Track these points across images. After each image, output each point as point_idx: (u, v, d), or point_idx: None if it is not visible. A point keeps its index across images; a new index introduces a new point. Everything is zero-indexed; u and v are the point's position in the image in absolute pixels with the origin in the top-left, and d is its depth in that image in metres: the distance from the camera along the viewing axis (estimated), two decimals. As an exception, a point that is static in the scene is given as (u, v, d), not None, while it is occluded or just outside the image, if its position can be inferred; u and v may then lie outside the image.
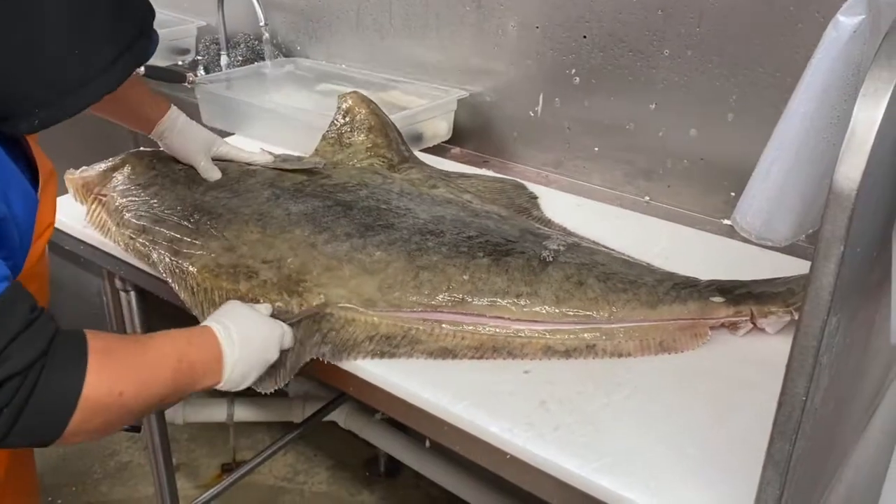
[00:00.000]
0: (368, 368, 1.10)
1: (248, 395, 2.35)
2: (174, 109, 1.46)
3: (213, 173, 1.45)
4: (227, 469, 2.39)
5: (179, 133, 1.45)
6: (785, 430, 0.74)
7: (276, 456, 2.27)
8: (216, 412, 2.25)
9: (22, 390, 0.81)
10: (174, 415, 2.20)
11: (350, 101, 1.57)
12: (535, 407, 1.01)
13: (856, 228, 0.66)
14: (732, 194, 1.52)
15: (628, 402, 1.03)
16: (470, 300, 1.15)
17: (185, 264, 1.25)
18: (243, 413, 2.26)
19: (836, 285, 0.67)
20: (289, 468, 2.42)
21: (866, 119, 0.64)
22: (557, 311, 1.13)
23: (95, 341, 0.89)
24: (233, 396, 2.24)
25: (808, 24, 1.34)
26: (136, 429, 1.89)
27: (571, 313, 1.13)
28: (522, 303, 1.14)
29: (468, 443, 1.01)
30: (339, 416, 2.26)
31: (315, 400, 2.22)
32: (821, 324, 0.70)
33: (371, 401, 1.11)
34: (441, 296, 1.15)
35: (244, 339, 1.03)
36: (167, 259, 1.27)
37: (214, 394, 2.25)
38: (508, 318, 1.13)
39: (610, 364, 1.10)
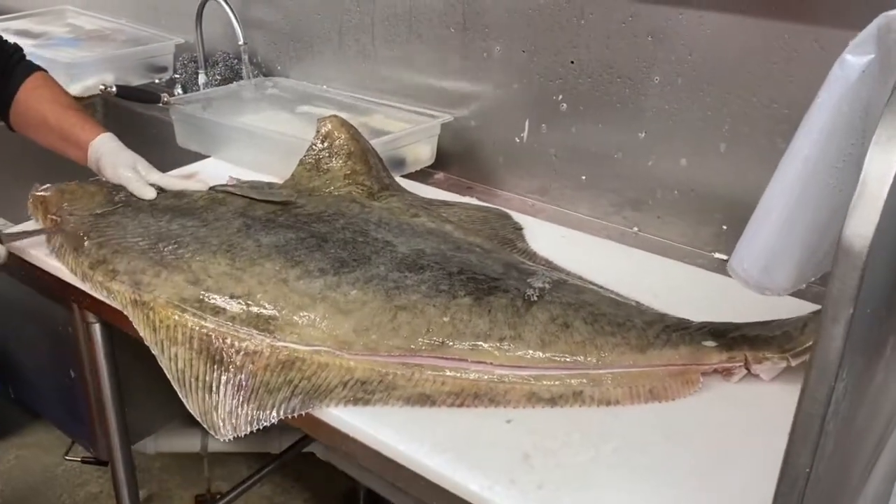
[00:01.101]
0: (339, 415, 1.03)
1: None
2: (109, 134, 1.47)
3: (147, 191, 1.41)
4: (201, 500, 2.31)
5: (110, 154, 1.43)
6: (787, 502, 0.69)
7: (253, 487, 2.20)
8: (190, 442, 2.17)
9: None
10: (145, 444, 2.12)
11: (329, 126, 1.50)
12: (518, 461, 0.95)
13: (867, 288, 0.60)
14: (724, 227, 1.47)
15: (617, 455, 0.97)
16: (450, 344, 1.08)
17: (146, 297, 1.18)
18: (218, 444, 2.17)
19: (844, 349, 0.62)
20: (265, 500, 2.34)
21: (879, 170, 0.58)
22: (542, 355, 1.07)
23: None
24: (207, 426, 2.16)
25: (805, 53, 1.30)
26: (103, 462, 1.82)
27: (557, 358, 1.07)
28: (506, 347, 1.08)
29: (446, 500, 0.94)
30: (318, 447, 2.19)
31: (293, 430, 2.15)
32: (828, 390, 0.64)
33: (343, 448, 1.04)
34: (420, 339, 1.09)
35: None
36: (128, 293, 1.20)
37: (188, 424, 2.17)
38: (491, 364, 1.07)
39: (597, 412, 1.04)
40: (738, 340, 1.09)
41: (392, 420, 1.02)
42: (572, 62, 1.56)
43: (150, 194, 1.41)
